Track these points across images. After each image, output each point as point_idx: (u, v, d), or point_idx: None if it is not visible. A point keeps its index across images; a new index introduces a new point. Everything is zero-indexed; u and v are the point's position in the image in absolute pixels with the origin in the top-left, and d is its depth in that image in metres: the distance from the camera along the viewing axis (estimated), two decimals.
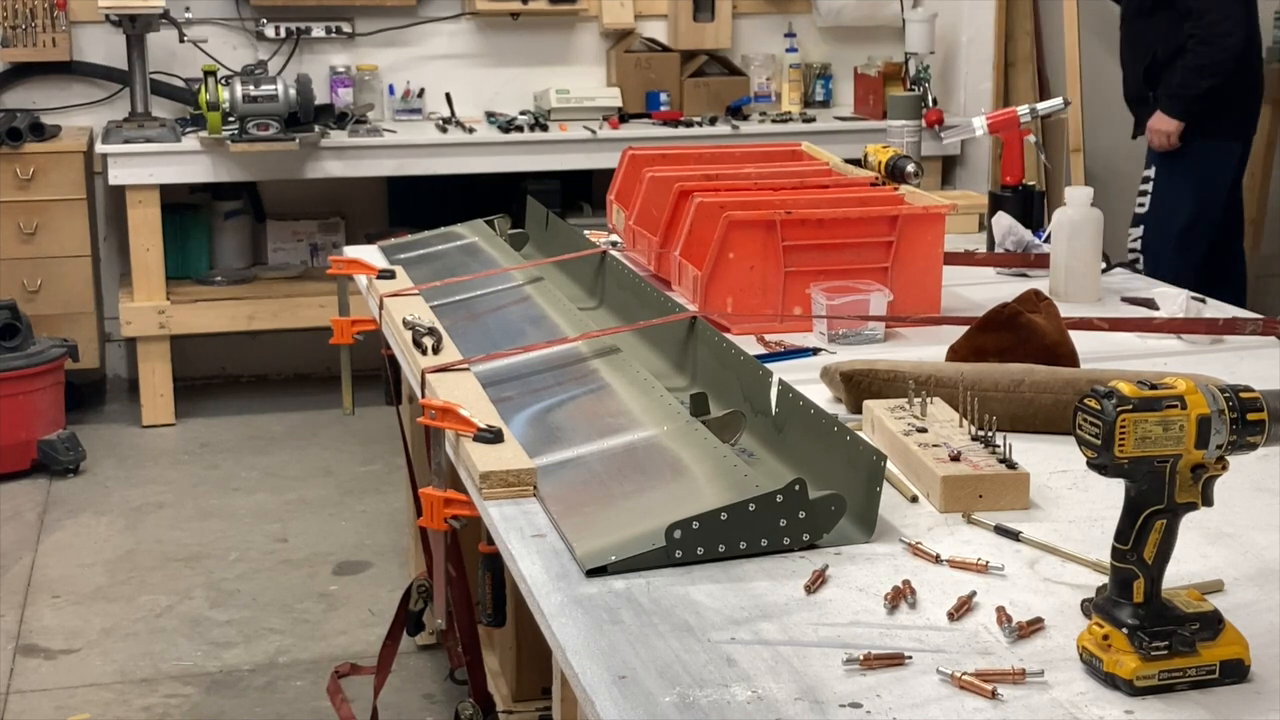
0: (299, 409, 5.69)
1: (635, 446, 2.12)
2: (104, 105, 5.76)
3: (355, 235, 5.87)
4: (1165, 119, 4.99)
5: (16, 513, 4.69)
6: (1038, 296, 2.54)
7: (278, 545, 4.44)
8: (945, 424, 2.12)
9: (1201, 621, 1.46)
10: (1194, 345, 2.74)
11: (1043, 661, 1.51)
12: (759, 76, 6.15)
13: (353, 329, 3.07)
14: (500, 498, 1.97)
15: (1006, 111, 3.58)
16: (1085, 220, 3.07)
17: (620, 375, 2.41)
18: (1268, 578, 1.72)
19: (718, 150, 3.82)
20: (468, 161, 5.59)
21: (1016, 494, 1.95)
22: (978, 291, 3.07)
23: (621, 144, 4.03)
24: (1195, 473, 1.46)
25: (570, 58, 6.11)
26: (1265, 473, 2.01)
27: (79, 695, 3.55)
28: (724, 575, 1.73)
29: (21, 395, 4.95)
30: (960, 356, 2.46)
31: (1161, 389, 1.45)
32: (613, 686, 1.46)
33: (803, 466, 1.97)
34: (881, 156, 3.37)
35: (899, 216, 2.91)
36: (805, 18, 6.24)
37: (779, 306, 2.85)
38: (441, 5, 6.00)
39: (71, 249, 5.44)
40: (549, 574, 1.74)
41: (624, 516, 1.91)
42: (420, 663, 3.68)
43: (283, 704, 3.52)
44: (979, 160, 5.97)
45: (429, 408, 2.17)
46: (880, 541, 1.83)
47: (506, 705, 3.06)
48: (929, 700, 1.44)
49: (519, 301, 2.95)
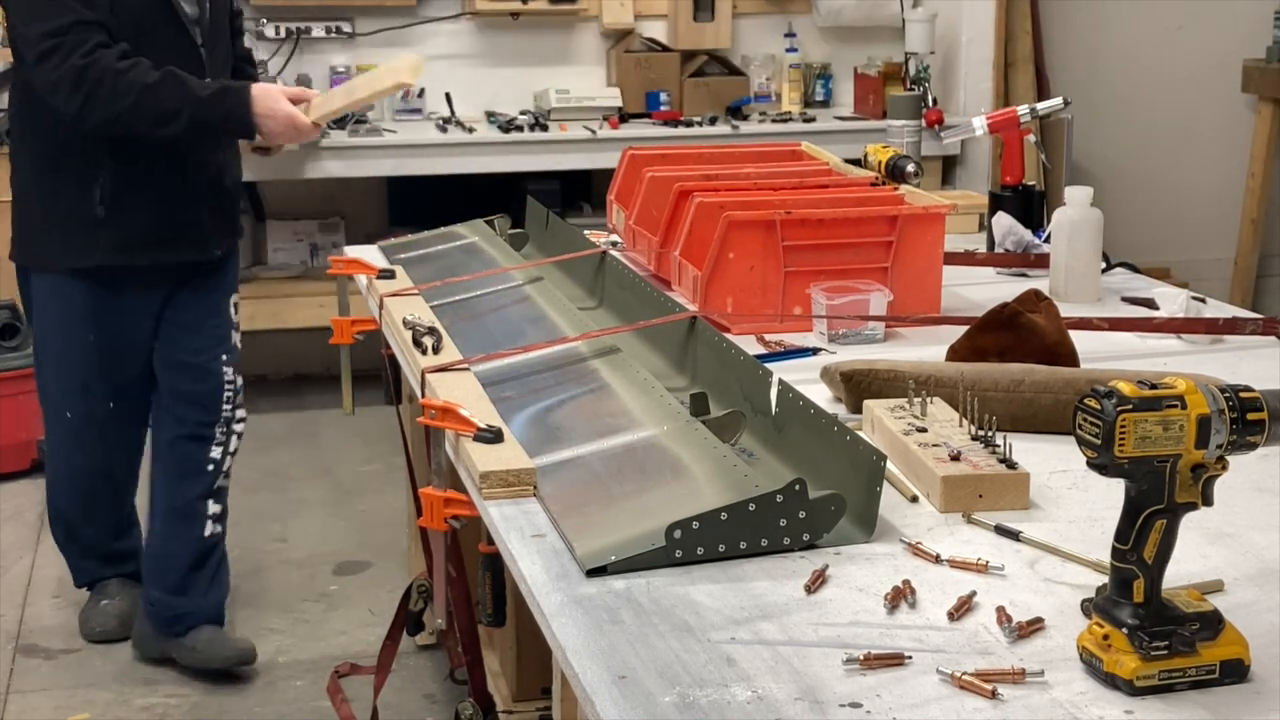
0: (299, 409, 5.69)
1: (635, 446, 2.12)
2: None
3: (355, 235, 5.86)
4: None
5: (16, 513, 4.69)
6: (1038, 296, 2.54)
7: (278, 545, 4.44)
8: (945, 424, 2.12)
9: (1201, 621, 1.46)
10: (1194, 345, 2.74)
11: (1043, 661, 1.51)
12: (759, 76, 6.15)
13: (353, 329, 3.07)
14: (500, 498, 1.97)
15: (1006, 111, 3.58)
16: (1085, 220, 3.07)
17: (620, 375, 2.41)
18: (1268, 578, 1.72)
19: (718, 150, 3.81)
20: (467, 161, 5.59)
21: (1016, 494, 1.95)
22: (978, 291, 3.06)
23: (621, 144, 4.03)
24: (1195, 473, 1.46)
25: (570, 58, 6.11)
26: (1265, 473, 2.01)
27: (79, 695, 3.55)
28: (724, 575, 1.73)
29: (21, 395, 4.94)
30: (960, 356, 2.46)
31: (1161, 389, 1.45)
32: (613, 686, 1.46)
33: (803, 466, 1.97)
34: (881, 156, 3.37)
35: (899, 216, 2.91)
36: (805, 18, 6.23)
37: (779, 306, 2.85)
38: (441, 5, 5.99)
39: None
40: (549, 574, 1.74)
41: (624, 516, 1.91)
42: (420, 663, 3.68)
43: (283, 704, 3.52)
44: (979, 160, 5.97)
45: (429, 407, 2.17)
46: (880, 541, 1.83)
47: (506, 705, 3.06)
48: (929, 700, 1.44)
49: (519, 301, 2.95)
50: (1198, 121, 6.59)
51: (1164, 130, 6.56)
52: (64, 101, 3.16)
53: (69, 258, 3.37)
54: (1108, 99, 6.40)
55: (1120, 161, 6.47)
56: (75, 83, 3.13)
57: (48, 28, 3.15)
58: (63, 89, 3.14)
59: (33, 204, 3.40)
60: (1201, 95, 6.55)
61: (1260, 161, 6.40)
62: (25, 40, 3.20)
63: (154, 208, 3.37)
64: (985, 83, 6.14)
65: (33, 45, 3.17)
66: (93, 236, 3.34)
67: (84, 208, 3.31)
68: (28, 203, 3.41)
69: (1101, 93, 6.37)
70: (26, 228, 3.43)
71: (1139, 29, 6.47)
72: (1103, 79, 6.42)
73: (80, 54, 3.13)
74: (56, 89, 3.15)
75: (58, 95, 3.16)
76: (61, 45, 3.13)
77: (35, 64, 3.17)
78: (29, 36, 3.18)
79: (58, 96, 3.16)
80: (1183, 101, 6.55)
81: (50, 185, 3.34)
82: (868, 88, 5.99)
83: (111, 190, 3.31)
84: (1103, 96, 6.37)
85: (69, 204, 3.33)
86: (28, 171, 3.40)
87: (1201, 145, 6.61)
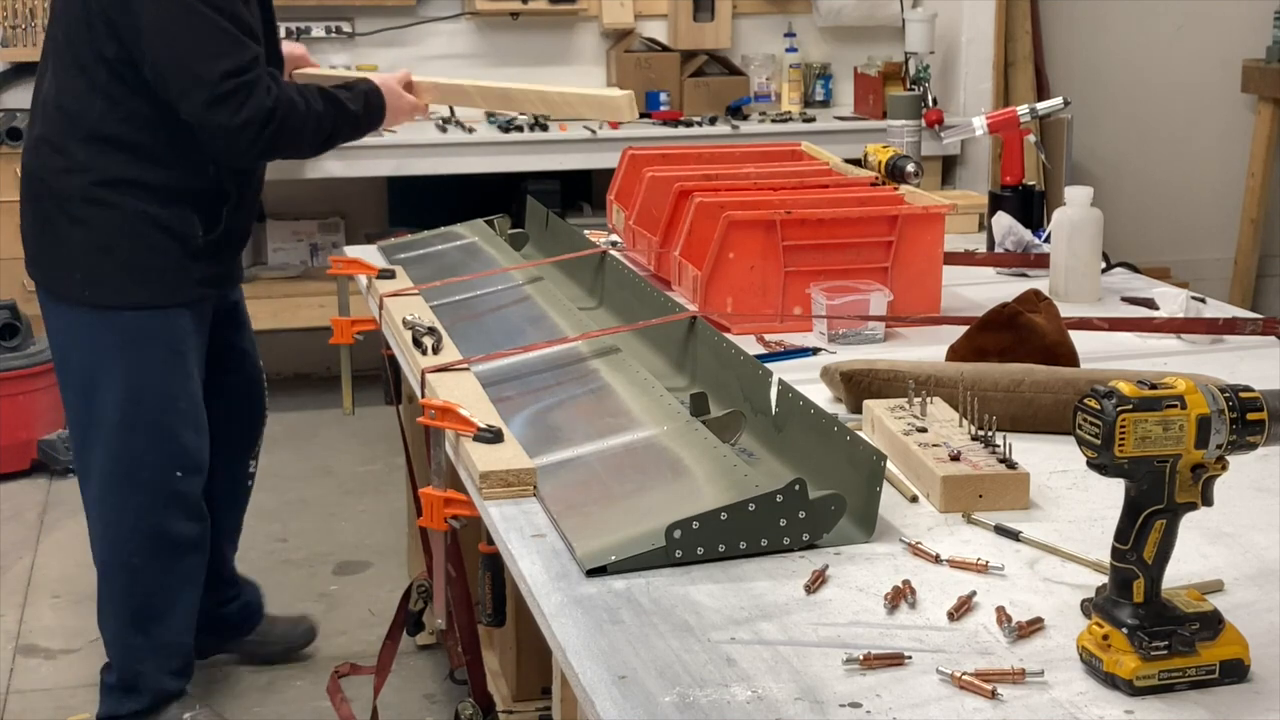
0: (299, 409, 5.68)
1: (635, 446, 2.12)
2: None
3: (355, 235, 5.87)
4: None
5: (16, 513, 4.69)
6: (1038, 296, 2.54)
7: (278, 545, 4.43)
8: (945, 424, 2.12)
9: (1201, 621, 1.46)
10: (1194, 345, 2.74)
11: (1043, 661, 1.51)
12: (759, 76, 6.15)
13: (353, 329, 3.07)
14: (500, 498, 1.97)
15: (1006, 111, 3.58)
16: (1085, 220, 3.07)
17: (620, 375, 2.41)
18: (1268, 578, 1.72)
19: (717, 150, 3.81)
20: (468, 161, 5.59)
21: (1016, 494, 1.95)
22: (978, 291, 3.07)
23: (621, 144, 4.02)
24: (1195, 472, 1.46)
25: (570, 58, 6.11)
26: (1265, 473, 2.01)
27: (79, 695, 3.55)
28: (724, 575, 1.73)
29: (21, 395, 4.95)
30: (960, 356, 2.46)
31: (1161, 389, 1.45)
32: (613, 686, 1.46)
33: (803, 466, 1.97)
34: (881, 156, 3.37)
35: (899, 216, 2.91)
36: (805, 18, 6.23)
37: (779, 306, 2.85)
38: (441, 5, 5.99)
39: None
40: (549, 574, 1.74)
41: (624, 516, 1.91)
42: (420, 663, 3.68)
43: (283, 704, 3.52)
44: (979, 160, 5.97)
45: (429, 408, 2.18)
46: (880, 541, 1.83)
47: (506, 705, 3.06)
48: (929, 700, 1.44)
49: (519, 301, 2.95)
50: (1198, 121, 6.59)
51: (1164, 130, 6.56)
52: (248, 145, 2.94)
53: (168, 292, 3.10)
54: (1108, 99, 6.40)
55: (1120, 161, 6.46)
56: (262, 124, 2.91)
57: (230, 66, 2.89)
58: (248, 133, 2.91)
59: (123, 240, 3.05)
60: (1201, 95, 6.55)
61: (1260, 161, 6.40)
62: (194, 78, 2.89)
63: (242, 231, 3.24)
64: (985, 83, 6.14)
65: (205, 86, 2.88)
66: (193, 266, 3.12)
67: (190, 240, 3.09)
68: (113, 240, 3.05)
69: (1101, 93, 6.37)
70: (100, 267, 3.07)
71: (1139, 29, 6.47)
72: (1103, 79, 6.42)
73: (262, 93, 2.92)
74: (239, 133, 2.91)
75: (239, 139, 2.92)
76: (243, 85, 2.90)
77: (209, 106, 2.89)
78: (201, 75, 2.88)
79: (239, 140, 2.93)
80: (1183, 101, 6.55)
81: (162, 219, 3.05)
82: (868, 88, 5.99)
83: (226, 219, 3.13)
84: (1103, 96, 6.36)
85: (174, 237, 3.07)
86: (117, 209, 3.04)
87: (1201, 145, 6.60)
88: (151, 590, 3.18)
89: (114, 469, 3.11)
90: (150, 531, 3.14)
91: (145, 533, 3.14)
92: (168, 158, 3.03)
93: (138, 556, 3.14)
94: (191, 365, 3.16)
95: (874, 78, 5.96)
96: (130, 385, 3.07)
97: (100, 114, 3.01)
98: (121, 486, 3.12)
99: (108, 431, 3.09)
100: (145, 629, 3.20)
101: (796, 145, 3.68)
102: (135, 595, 3.18)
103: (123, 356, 3.07)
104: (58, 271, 3.13)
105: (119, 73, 2.97)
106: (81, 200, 3.04)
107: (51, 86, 3.08)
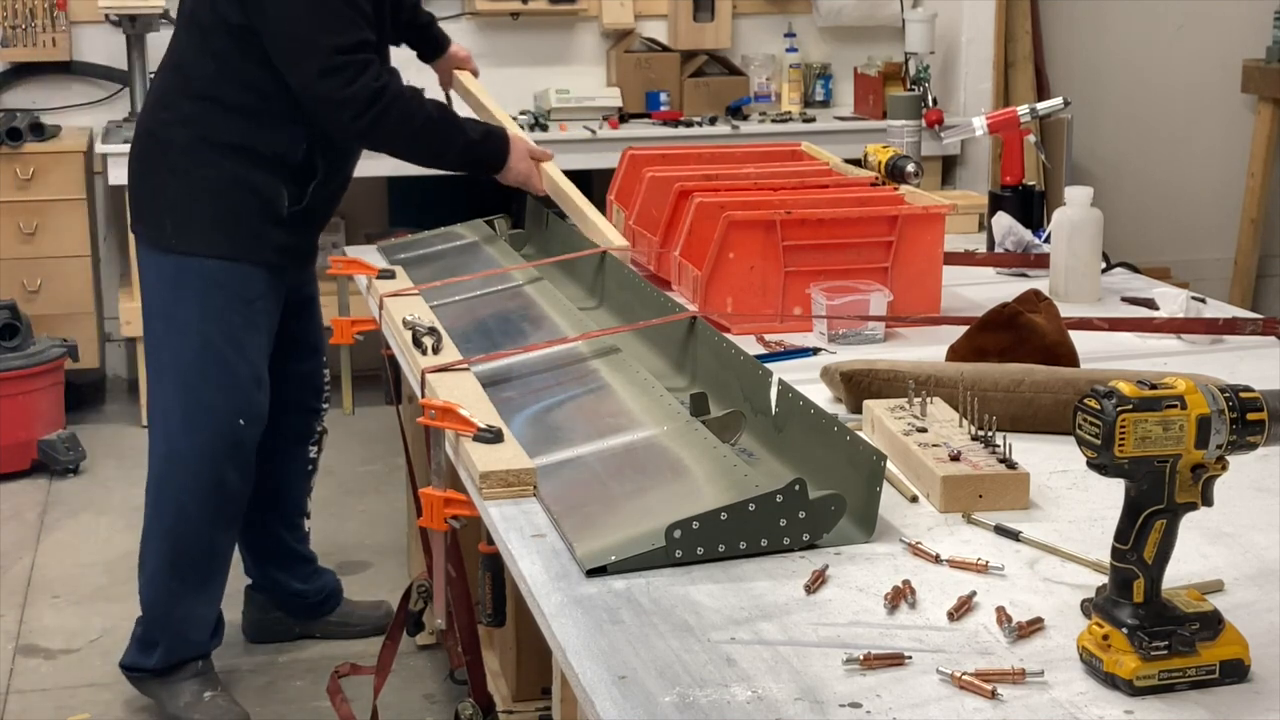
0: None
1: (635, 446, 2.12)
2: (104, 105, 5.75)
3: (355, 235, 5.86)
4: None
5: (16, 513, 4.69)
6: (1038, 296, 2.54)
7: None
8: (945, 424, 2.12)
9: (1201, 621, 1.46)
10: (1194, 345, 2.74)
11: (1043, 661, 1.51)
12: (759, 76, 6.15)
13: (353, 329, 3.07)
14: (500, 498, 1.97)
15: (1006, 111, 3.58)
16: (1085, 220, 3.07)
17: (620, 375, 2.41)
18: (1268, 578, 1.72)
19: (718, 150, 3.82)
20: None
21: (1016, 494, 1.95)
22: (978, 291, 3.07)
23: (621, 144, 4.03)
24: (1195, 473, 1.46)
25: (570, 58, 6.11)
26: (1265, 473, 2.01)
27: (79, 695, 3.55)
28: (724, 575, 1.73)
29: (21, 395, 4.95)
30: (960, 356, 2.46)
31: (1161, 389, 1.45)
32: (613, 686, 1.46)
33: (803, 466, 1.97)
34: (881, 156, 3.37)
35: (899, 216, 2.91)
36: (805, 18, 6.23)
37: (779, 306, 2.85)
38: (441, 5, 5.98)
39: (71, 249, 5.43)
40: (549, 574, 1.74)
41: (624, 516, 1.91)
42: (420, 663, 3.68)
43: (283, 704, 3.52)
44: (979, 160, 5.97)
45: (429, 408, 2.18)
46: (880, 541, 1.83)
47: (506, 705, 3.06)
48: (929, 700, 1.44)
49: (519, 301, 2.95)
50: (1197, 121, 6.59)
51: (1164, 130, 6.56)
52: (350, 119, 3.10)
53: (247, 249, 3.24)
54: (1108, 99, 6.40)
55: (1120, 161, 6.47)
56: (368, 102, 3.08)
57: (339, 43, 3.07)
58: (352, 107, 3.08)
59: (214, 195, 3.20)
60: (1201, 95, 6.55)
61: (1260, 161, 6.40)
62: (309, 47, 3.08)
63: (324, 211, 3.37)
64: (985, 83, 6.14)
65: (319, 56, 3.06)
66: (273, 232, 3.25)
67: (275, 207, 3.23)
68: (205, 194, 3.21)
69: (1101, 93, 6.37)
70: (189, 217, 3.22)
71: (1139, 29, 6.47)
72: (1103, 79, 6.42)
73: (372, 75, 3.09)
74: (345, 105, 3.08)
75: (344, 111, 3.09)
76: (352, 63, 3.07)
77: (320, 76, 3.07)
78: (317, 46, 3.06)
79: (344, 112, 3.10)
80: (1183, 101, 6.55)
81: (253, 182, 3.20)
82: (868, 88, 5.99)
83: (311, 195, 3.25)
84: (1103, 96, 6.37)
85: (262, 201, 3.22)
86: (213, 166, 3.19)
87: (1201, 145, 6.60)
88: (192, 534, 3.33)
89: (182, 409, 3.27)
90: (206, 475, 3.28)
91: (202, 476, 3.28)
92: (268, 126, 3.19)
93: (187, 494, 3.29)
94: (261, 322, 3.30)
95: (874, 78, 5.96)
96: (204, 330, 3.24)
97: (211, 75, 3.19)
98: (187, 425, 3.27)
99: (180, 374, 3.26)
100: (181, 573, 3.34)
101: (796, 145, 3.68)
102: (177, 535, 3.32)
103: (199, 302, 3.23)
104: (153, 219, 3.29)
105: (237, 38, 3.14)
106: (182, 152, 3.22)
107: (173, 49, 3.32)
